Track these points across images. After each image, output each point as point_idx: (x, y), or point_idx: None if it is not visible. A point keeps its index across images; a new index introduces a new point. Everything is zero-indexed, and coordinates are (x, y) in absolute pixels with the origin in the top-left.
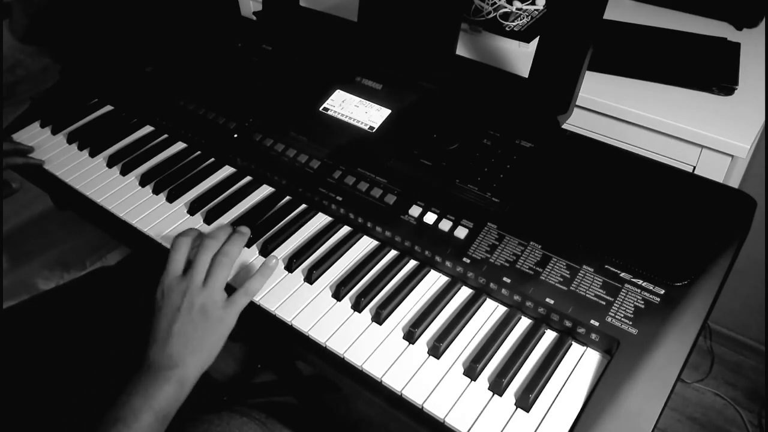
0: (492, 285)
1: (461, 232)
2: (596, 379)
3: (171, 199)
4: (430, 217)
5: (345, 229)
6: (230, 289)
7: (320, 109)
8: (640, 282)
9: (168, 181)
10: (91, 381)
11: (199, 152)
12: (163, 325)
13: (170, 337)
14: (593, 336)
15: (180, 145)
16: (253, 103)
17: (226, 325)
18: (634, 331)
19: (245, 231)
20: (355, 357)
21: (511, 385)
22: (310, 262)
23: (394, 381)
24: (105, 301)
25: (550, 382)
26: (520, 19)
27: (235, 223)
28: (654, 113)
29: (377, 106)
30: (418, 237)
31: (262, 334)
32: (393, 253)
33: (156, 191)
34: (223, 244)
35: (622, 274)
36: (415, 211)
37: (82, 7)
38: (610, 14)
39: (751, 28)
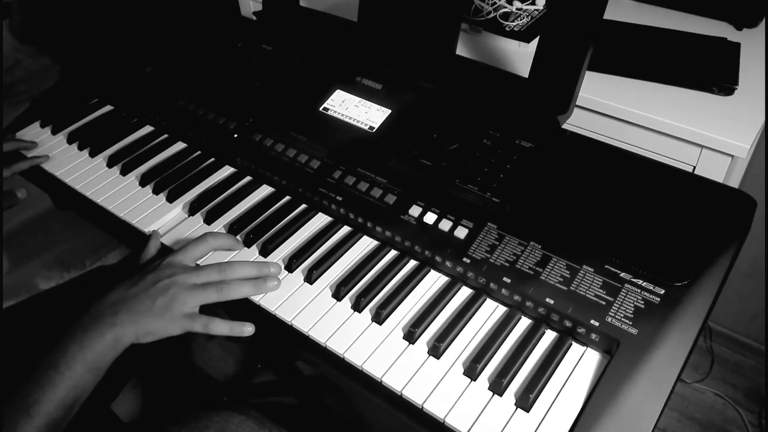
0: (492, 285)
1: (461, 232)
2: (596, 379)
3: (171, 199)
4: (430, 217)
5: (345, 229)
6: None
7: (320, 109)
8: (640, 282)
9: (168, 181)
10: None
11: (199, 152)
12: (131, 287)
13: (126, 299)
14: (593, 336)
15: (180, 145)
16: (253, 103)
17: (172, 328)
18: (634, 331)
19: (274, 271)
20: (355, 357)
21: (511, 385)
22: (310, 262)
23: (394, 381)
24: None
25: (550, 382)
26: (520, 19)
27: (235, 223)
28: (654, 113)
29: (377, 106)
30: (418, 237)
31: (262, 334)
32: (393, 253)
33: (156, 191)
34: (238, 281)
35: (622, 274)
36: (415, 211)
37: (82, 7)
38: (610, 14)
39: (751, 28)
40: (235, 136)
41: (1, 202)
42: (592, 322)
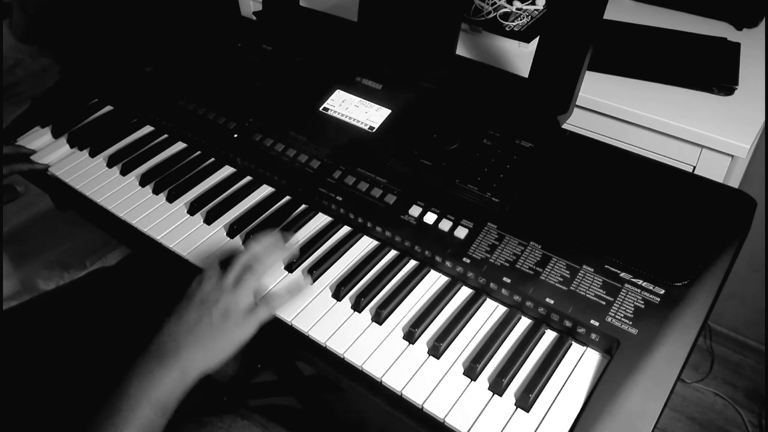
0: (492, 285)
1: (461, 232)
2: (596, 379)
3: (171, 199)
4: (430, 217)
5: (345, 229)
6: None
7: (320, 109)
8: (640, 282)
9: (168, 181)
10: (90, 381)
11: (199, 152)
12: (183, 312)
13: (182, 327)
14: (593, 336)
15: (180, 145)
16: (253, 103)
17: (242, 333)
18: (634, 331)
19: (289, 246)
20: (355, 357)
21: (511, 385)
22: (310, 262)
23: (394, 381)
24: (105, 301)
25: (550, 382)
26: (520, 19)
27: (235, 223)
28: (654, 113)
29: (377, 106)
30: (418, 237)
31: (262, 333)
32: (393, 253)
33: (156, 191)
34: (263, 250)
35: (622, 274)
36: (415, 211)
37: (82, 7)
38: (610, 14)
39: (751, 28)
40: (235, 136)
41: (1, 197)
42: (592, 322)
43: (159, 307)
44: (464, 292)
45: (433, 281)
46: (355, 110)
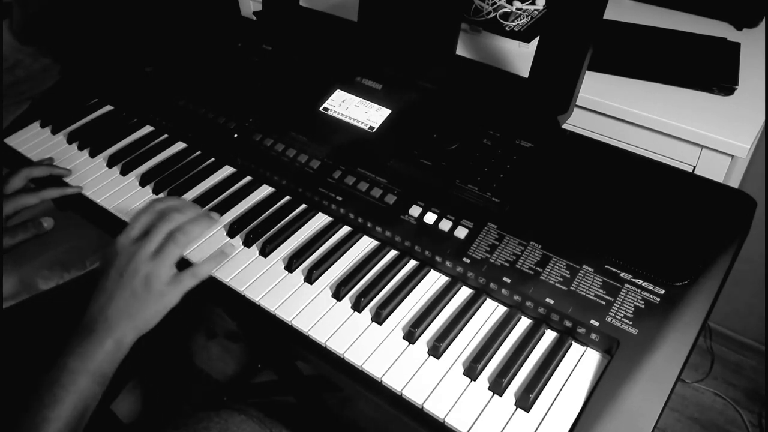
0: (492, 285)
1: (461, 232)
2: (596, 379)
3: None
4: (430, 217)
5: (345, 229)
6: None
7: (320, 109)
8: (640, 282)
9: (168, 181)
10: None
11: (199, 152)
12: (106, 285)
13: (110, 300)
14: (593, 336)
15: (180, 145)
16: (253, 103)
17: (166, 301)
18: (634, 331)
19: (215, 216)
20: (355, 357)
21: (511, 385)
22: (310, 262)
23: (394, 381)
24: None
25: (550, 382)
26: (520, 19)
27: (235, 223)
28: (654, 113)
29: (377, 106)
30: (418, 237)
31: (262, 334)
32: (393, 253)
33: (156, 191)
34: (187, 222)
35: (622, 274)
36: (415, 211)
37: (82, 7)
38: (610, 14)
39: (751, 28)
40: (235, 136)
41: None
42: (592, 322)
43: None
44: (464, 292)
45: (433, 281)
46: (355, 110)
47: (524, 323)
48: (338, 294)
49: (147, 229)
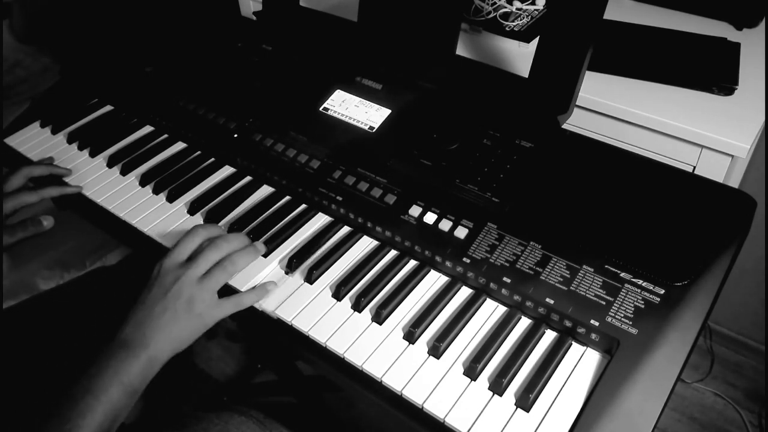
0: (492, 285)
1: (461, 232)
2: (596, 379)
3: (171, 199)
4: (430, 217)
5: (345, 229)
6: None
7: (320, 109)
8: (640, 282)
9: (168, 181)
10: None
11: (199, 152)
12: (147, 303)
13: (149, 317)
14: (593, 336)
15: (180, 145)
16: (253, 103)
17: (203, 324)
18: (634, 331)
19: (261, 248)
20: (355, 357)
21: (511, 385)
22: (310, 262)
23: (394, 381)
24: (105, 301)
25: (550, 382)
26: (520, 19)
27: (235, 223)
28: (654, 113)
29: (377, 106)
30: (418, 237)
31: (262, 334)
32: (393, 253)
33: (156, 191)
34: (235, 251)
35: (622, 274)
36: (415, 211)
37: (82, 7)
38: (610, 14)
39: (751, 28)
40: (235, 136)
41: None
42: (592, 322)
43: None
44: (464, 292)
45: (433, 281)
46: (355, 110)
47: (524, 323)
48: (338, 294)
49: (192, 255)
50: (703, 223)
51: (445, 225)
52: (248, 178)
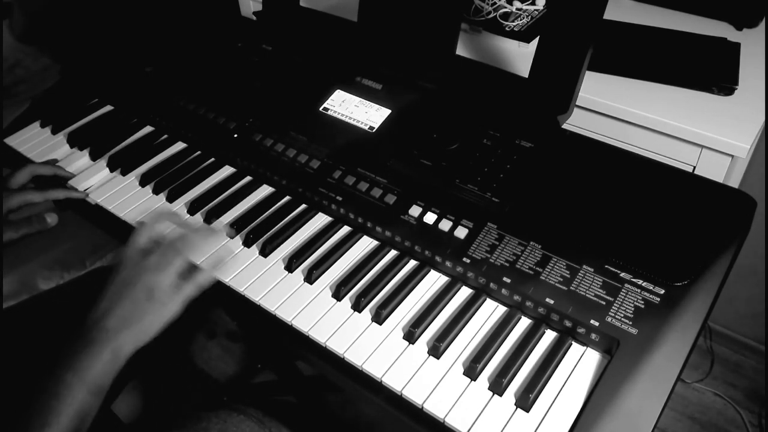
0: (492, 285)
1: (461, 232)
2: (596, 379)
3: (171, 198)
4: (430, 217)
5: (345, 229)
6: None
7: (320, 109)
8: (640, 282)
9: (168, 181)
10: None
11: (199, 152)
12: (109, 295)
13: (110, 309)
14: (593, 336)
15: (180, 145)
16: (253, 103)
17: (168, 311)
18: (634, 331)
19: (222, 233)
20: (355, 357)
21: (511, 385)
22: (310, 262)
23: (394, 381)
24: None
25: (550, 382)
26: (520, 19)
27: (235, 223)
28: (654, 113)
29: (377, 106)
30: (418, 237)
31: (262, 334)
32: (393, 253)
33: (156, 191)
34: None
35: (622, 274)
36: (415, 211)
37: (82, 7)
38: (610, 14)
39: (751, 28)
40: (235, 136)
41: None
42: (592, 322)
43: None
44: (464, 292)
45: (433, 281)
46: (355, 110)
47: (524, 323)
48: (338, 294)
49: (154, 239)
50: (703, 223)
51: (445, 225)
52: (248, 178)
